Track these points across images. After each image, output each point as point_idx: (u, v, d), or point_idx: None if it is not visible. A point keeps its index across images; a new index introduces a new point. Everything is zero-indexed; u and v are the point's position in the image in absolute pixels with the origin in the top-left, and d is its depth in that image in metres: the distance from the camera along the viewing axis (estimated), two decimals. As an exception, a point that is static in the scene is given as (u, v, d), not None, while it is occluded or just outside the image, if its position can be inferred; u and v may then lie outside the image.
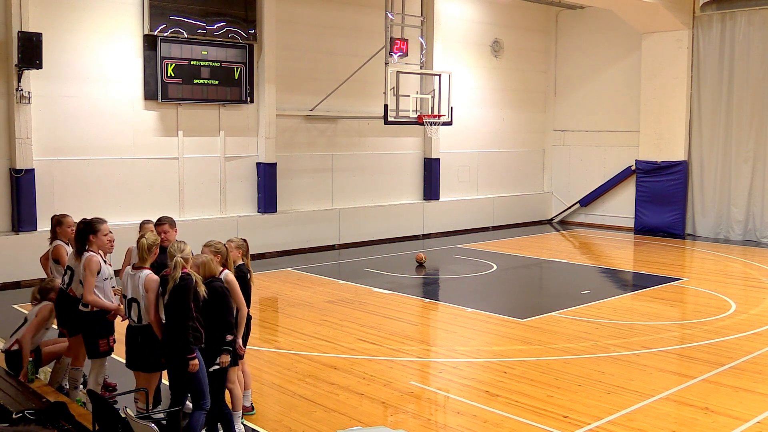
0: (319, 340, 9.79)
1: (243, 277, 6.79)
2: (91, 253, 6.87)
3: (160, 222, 7.49)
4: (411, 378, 8.44)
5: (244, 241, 7.15)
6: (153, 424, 5.19)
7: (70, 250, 7.57)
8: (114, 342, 6.97)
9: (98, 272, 6.77)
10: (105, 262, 6.99)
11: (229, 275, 6.41)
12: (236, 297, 6.43)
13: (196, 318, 5.94)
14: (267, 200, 16.39)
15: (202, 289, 5.99)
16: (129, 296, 6.32)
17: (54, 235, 7.90)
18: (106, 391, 7.29)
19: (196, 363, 5.86)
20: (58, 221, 7.90)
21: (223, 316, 6.19)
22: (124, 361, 6.64)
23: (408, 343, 9.73)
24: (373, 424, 7.03)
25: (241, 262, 6.95)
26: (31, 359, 7.72)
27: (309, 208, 17.38)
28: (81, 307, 6.87)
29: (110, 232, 7.14)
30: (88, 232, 6.98)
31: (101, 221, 7.14)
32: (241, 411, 6.78)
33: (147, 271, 6.26)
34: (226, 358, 6.18)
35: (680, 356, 9.04)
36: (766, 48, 18.20)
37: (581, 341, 9.78)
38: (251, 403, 7.21)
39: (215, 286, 6.18)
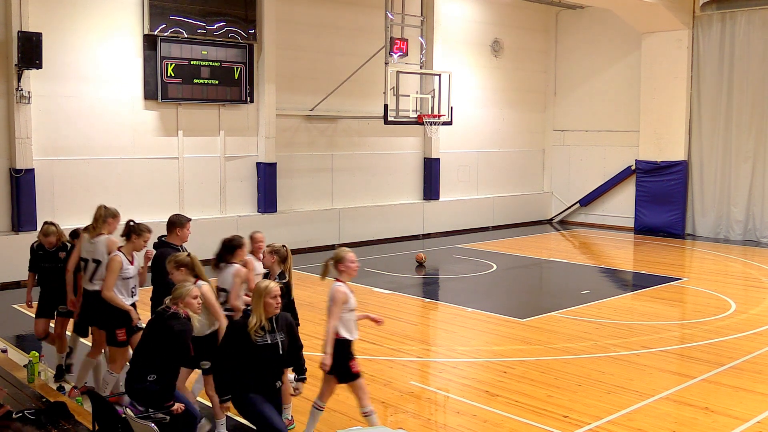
0: (320, 340, 9.75)
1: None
2: (117, 253, 7.08)
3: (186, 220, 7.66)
4: (411, 378, 8.44)
5: (283, 246, 7.03)
6: (153, 424, 5.18)
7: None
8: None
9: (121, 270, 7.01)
10: (131, 261, 7.13)
11: (204, 287, 6.31)
12: (213, 310, 6.43)
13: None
14: (267, 200, 16.39)
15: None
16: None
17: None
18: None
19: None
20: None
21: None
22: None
23: (408, 343, 9.73)
24: (373, 424, 7.02)
25: (278, 269, 6.87)
26: (31, 359, 7.72)
27: (309, 208, 17.38)
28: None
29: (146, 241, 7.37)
30: (130, 233, 7.20)
31: (148, 230, 7.30)
32: (224, 419, 6.66)
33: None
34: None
35: (680, 356, 9.05)
36: (766, 48, 18.20)
37: (581, 341, 9.78)
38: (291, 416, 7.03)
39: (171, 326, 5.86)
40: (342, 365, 6.29)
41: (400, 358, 8.97)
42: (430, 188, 19.65)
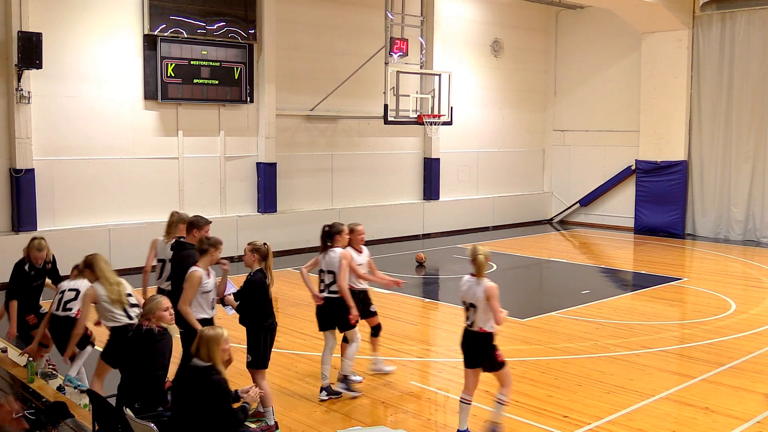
0: (319, 340, 9.76)
1: (254, 283, 6.77)
2: (196, 268, 6.84)
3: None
4: (411, 378, 8.44)
5: (264, 244, 7.07)
6: (153, 424, 5.18)
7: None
8: None
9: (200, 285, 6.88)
10: (208, 275, 6.97)
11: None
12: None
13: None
14: (267, 200, 16.39)
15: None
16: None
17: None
18: None
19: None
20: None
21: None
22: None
23: (408, 343, 9.73)
24: (373, 424, 7.03)
25: (257, 267, 6.91)
26: (31, 359, 7.73)
27: (309, 207, 17.37)
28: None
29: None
30: (203, 250, 6.95)
31: (219, 242, 7.07)
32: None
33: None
34: None
35: (680, 356, 9.04)
36: (766, 48, 18.20)
37: (581, 341, 9.78)
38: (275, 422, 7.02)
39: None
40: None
41: (400, 358, 8.97)
42: (430, 188, 19.64)
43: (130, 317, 6.98)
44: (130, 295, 7.18)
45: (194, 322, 6.73)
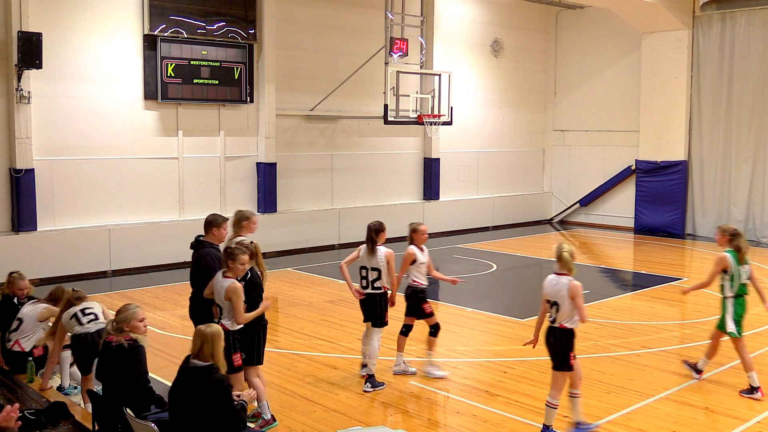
0: (319, 340, 9.79)
1: (254, 283, 6.76)
2: (232, 280, 6.60)
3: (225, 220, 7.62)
4: (411, 378, 8.43)
5: (251, 242, 7.07)
6: (153, 424, 5.18)
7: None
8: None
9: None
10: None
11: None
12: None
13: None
14: (267, 200, 16.39)
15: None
16: None
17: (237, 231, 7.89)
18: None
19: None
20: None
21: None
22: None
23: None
24: (373, 424, 7.03)
25: (249, 266, 6.90)
26: (31, 359, 7.73)
27: (309, 207, 17.37)
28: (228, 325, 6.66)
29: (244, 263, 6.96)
30: (227, 257, 6.73)
31: (244, 252, 6.84)
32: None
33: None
34: None
35: (680, 356, 9.03)
36: (766, 48, 18.20)
37: (581, 341, 9.72)
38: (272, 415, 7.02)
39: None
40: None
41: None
42: (430, 188, 19.64)
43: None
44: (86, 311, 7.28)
45: (256, 313, 6.70)
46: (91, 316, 7.26)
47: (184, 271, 14.42)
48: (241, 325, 6.56)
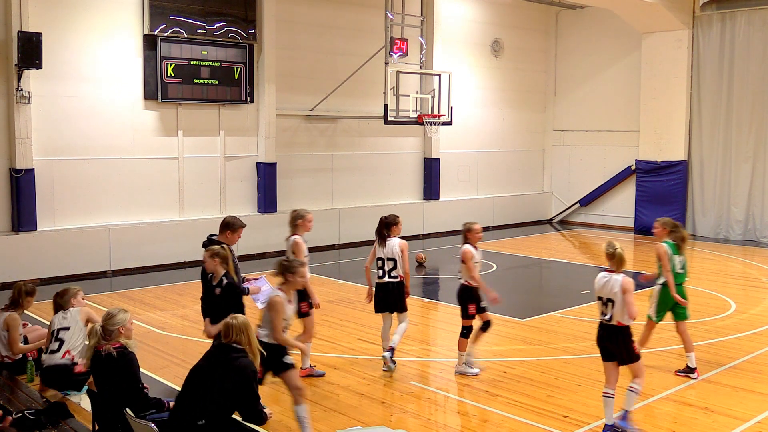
0: (319, 340, 9.78)
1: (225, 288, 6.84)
2: (278, 293, 6.58)
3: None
4: (411, 378, 8.44)
5: (222, 247, 7.17)
6: (153, 424, 5.18)
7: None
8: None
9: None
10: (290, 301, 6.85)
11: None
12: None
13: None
14: (267, 200, 16.39)
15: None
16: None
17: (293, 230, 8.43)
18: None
19: None
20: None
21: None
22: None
23: (408, 343, 9.72)
24: (373, 424, 7.03)
25: (221, 270, 7.01)
26: (31, 359, 7.73)
27: (309, 208, 17.26)
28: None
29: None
30: (284, 270, 6.73)
31: (302, 264, 6.93)
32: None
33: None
34: None
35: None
36: (766, 48, 18.20)
37: (581, 341, 9.77)
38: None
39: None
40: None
41: (400, 358, 8.96)
42: (430, 188, 19.64)
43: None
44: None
45: (294, 344, 6.75)
46: (60, 341, 7.42)
47: (184, 271, 14.46)
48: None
